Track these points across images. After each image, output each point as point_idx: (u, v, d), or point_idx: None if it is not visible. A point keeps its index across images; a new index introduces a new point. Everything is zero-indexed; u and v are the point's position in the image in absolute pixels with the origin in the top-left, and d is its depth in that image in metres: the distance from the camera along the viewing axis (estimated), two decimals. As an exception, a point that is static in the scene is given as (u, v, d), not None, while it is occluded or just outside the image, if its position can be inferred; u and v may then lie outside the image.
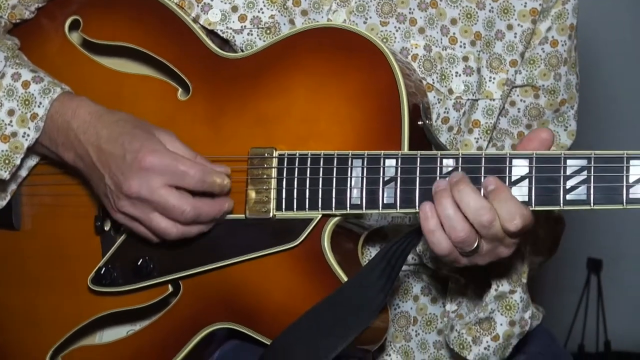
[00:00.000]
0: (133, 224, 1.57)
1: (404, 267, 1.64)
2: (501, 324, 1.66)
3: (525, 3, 1.74)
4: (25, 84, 1.61)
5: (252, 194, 1.58)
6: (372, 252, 1.71)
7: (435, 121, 1.70)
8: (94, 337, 1.70)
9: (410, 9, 1.71)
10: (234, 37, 1.67)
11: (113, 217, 1.59)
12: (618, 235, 3.76)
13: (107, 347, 1.68)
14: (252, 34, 1.67)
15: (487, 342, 1.67)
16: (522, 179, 1.47)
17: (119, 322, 1.68)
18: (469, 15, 1.73)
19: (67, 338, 1.68)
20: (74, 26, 1.72)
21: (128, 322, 1.67)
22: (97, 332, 1.69)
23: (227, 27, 1.68)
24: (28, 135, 1.60)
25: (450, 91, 1.72)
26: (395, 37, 1.70)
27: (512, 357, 1.72)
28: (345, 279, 1.54)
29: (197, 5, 1.68)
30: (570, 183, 1.45)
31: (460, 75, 1.72)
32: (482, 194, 1.45)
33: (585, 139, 1.86)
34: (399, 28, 1.71)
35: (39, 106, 1.60)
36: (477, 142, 1.75)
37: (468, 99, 1.73)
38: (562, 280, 3.58)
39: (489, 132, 1.75)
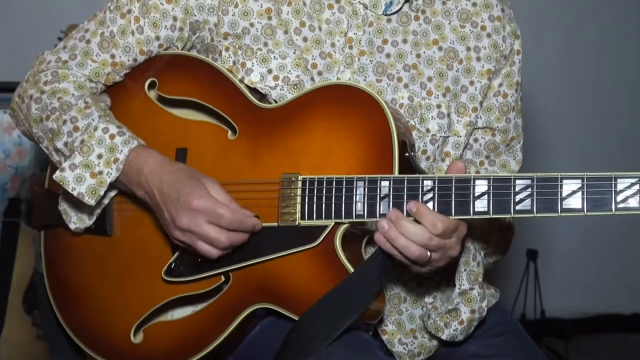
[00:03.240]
0: (184, 246, 1.58)
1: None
2: (465, 312, 1.66)
3: (483, 65, 1.73)
4: (112, 136, 1.60)
5: (283, 208, 1.58)
6: (371, 250, 1.68)
7: (417, 152, 1.69)
8: (166, 315, 1.68)
9: (397, 70, 1.70)
10: (270, 92, 1.66)
11: (171, 239, 1.60)
12: (550, 232, 3.76)
13: (177, 323, 1.66)
14: (283, 89, 1.66)
15: (455, 325, 1.67)
16: (482, 194, 1.47)
17: (184, 304, 1.66)
18: (441, 75, 1.72)
19: (147, 316, 1.66)
20: (152, 86, 1.72)
21: (191, 304, 1.65)
22: (169, 311, 1.67)
23: (265, 85, 1.67)
24: (110, 174, 1.60)
25: (428, 130, 1.71)
26: (387, 91, 1.69)
27: (477, 328, 1.71)
28: (353, 271, 1.53)
29: (242, 70, 1.67)
30: (518, 197, 1.45)
31: (435, 118, 1.71)
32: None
33: (527, 165, 1.85)
34: (390, 84, 1.70)
35: (120, 153, 1.60)
36: (446, 167, 1.73)
37: (441, 136, 1.72)
38: (508, 266, 3.58)
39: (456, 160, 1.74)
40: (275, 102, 1.66)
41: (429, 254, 1.48)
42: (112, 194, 1.67)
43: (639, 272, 3.97)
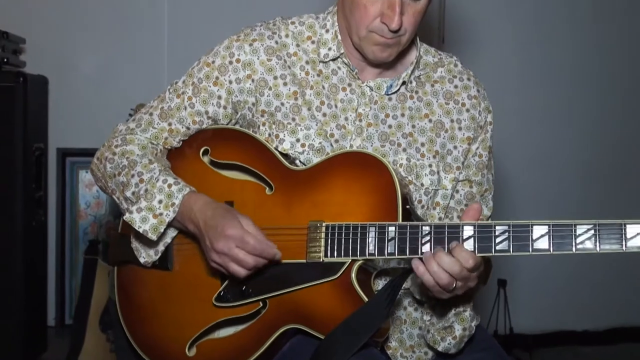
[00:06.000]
0: (219, 268, 1.58)
1: (400, 291, 1.62)
2: (458, 330, 1.65)
3: (464, 133, 1.74)
4: (169, 185, 1.61)
5: (310, 248, 1.57)
6: (378, 282, 1.68)
7: (414, 202, 1.69)
8: (214, 333, 1.66)
9: (397, 137, 1.71)
10: (299, 156, 1.67)
11: (209, 262, 1.59)
12: (517, 265, 3.73)
13: (223, 340, 1.64)
14: (309, 154, 1.67)
15: (449, 340, 1.65)
16: (469, 237, 1.46)
17: (229, 325, 1.64)
18: (431, 141, 1.72)
19: (199, 334, 1.64)
20: (205, 152, 1.72)
21: (235, 324, 1.64)
22: (217, 330, 1.66)
23: (294, 151, 1.67)
24: (169, 215, 1.60)
25: (422, 184, 1.70)
26: (389, 154, 1.70)
27: (466, 344, 1.69)
28: (365, 298, 1.52)
29: (276, 140, 1.68)
30: (498, 239, 1.44)
31: (427, 175, 1.71)
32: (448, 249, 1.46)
33: (498, 212, 1.83)
34: (391, 148, 1.70)
35: (176, 198, 1.60)
36: (438, 214, 1.73)
37: (432, 189, 1.71)
38: (483, 293, 3.53)
39: (444, 208, 1.73)
40: (304, 164, 1.66)
41: (454, 283, 1.47)
42: (173, 233, 1.67)
43: (587, 297, 3.93)
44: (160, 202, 1.60)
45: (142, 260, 1.69)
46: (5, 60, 3.06)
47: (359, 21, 1.63)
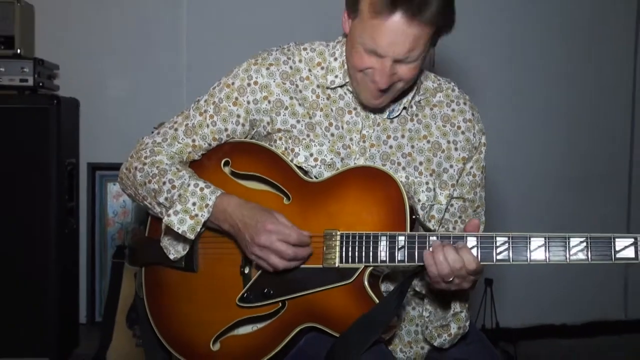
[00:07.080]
0: (259, 261, 1.56)
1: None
2: (453, 328, 1.64)
3: (459, 154, 1.73)
4: (201, 189, 1.59)
5: (326, 254, 1.56)
6: (386, 285, 1.67)
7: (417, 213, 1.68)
8: (235, 330, 1.64)
9: (397, 157, 1.70)
10: (311, 170, 1.66)
11: (249, 257, 1.57)
12: (502, 266, 3.69)
13: (244, 336, 1.63)
14: (321, 168, 1.66)
15: (445, 336, 1.65)
16: (472, 247, 1.46)
17: (250, 323, 1.63)
18: (428, 160, 1.71)
19: (222, 331, 1.63)
20: (226, 164, 1.70)
21: (253, 322, 1.62)
22: (238, 328, 1.64)
23: (307, 165, 1.66)
24: (204, 215, 1.58)
25: (419, 200, 1.69)
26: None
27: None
28: (376, 300, 1.51)
29: (292, 154, 1.67)
30: (499, 250, 1.44)
31: (424, 192, 1.69)
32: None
33: (489, 226, 1.83)
34: (391, 167, 1.69)
35: (209, 200, 1.58)
36: (432, 226, 1.72)
37: (428, 204, 1.70)
38: (473, 292, 3.52)
39: (438, 221, 1.72)
40: (316, 177, 1.65)
41: (452, 277, 1.47)
42: (201, 230, 1.65)
43: (566, 294, 3.92)
44: (194, 204, 1.58)
45: (171, 256, 1.66)
46: (40, 84, 3.07)
47: (355, 64, 1.60)
